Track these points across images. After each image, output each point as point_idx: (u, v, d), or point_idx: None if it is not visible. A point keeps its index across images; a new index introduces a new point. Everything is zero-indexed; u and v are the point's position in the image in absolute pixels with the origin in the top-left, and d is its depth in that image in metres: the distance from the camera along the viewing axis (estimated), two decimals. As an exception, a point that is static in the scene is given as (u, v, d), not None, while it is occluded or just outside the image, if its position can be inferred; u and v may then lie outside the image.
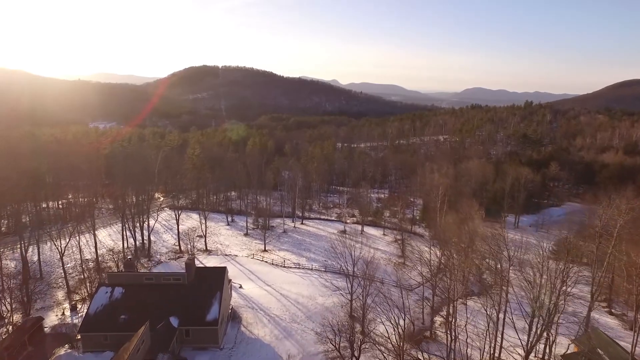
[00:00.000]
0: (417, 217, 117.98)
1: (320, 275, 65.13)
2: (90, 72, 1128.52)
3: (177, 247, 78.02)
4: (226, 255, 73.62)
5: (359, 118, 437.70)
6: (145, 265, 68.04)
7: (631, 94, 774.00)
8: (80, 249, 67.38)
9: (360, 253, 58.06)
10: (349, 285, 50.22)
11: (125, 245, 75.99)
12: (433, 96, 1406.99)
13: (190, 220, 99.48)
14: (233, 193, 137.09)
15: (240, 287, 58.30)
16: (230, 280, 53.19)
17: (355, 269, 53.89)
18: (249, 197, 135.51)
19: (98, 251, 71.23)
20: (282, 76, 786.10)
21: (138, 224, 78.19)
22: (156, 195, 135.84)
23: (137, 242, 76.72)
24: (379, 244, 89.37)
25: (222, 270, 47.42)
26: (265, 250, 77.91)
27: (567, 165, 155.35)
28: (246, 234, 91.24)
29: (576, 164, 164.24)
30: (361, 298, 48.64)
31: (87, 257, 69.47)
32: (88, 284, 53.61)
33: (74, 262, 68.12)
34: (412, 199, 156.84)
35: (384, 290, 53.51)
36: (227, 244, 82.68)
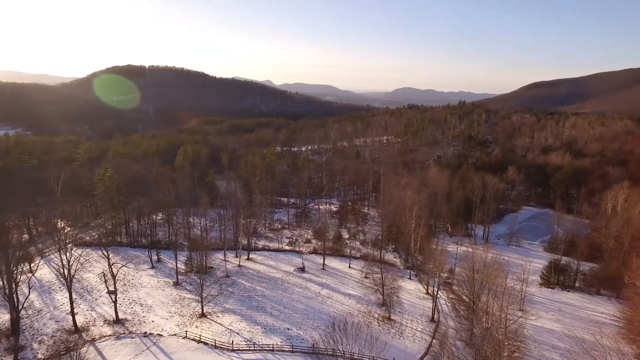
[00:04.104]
0: (381, 238, 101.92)
1: (285, 360, 46.03)
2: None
3: (72, 321, 53.42)
4: (145, 335, 51.14)
5: (296, 119, 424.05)
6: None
7: (541, 94, 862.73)
8: None
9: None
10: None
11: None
12: (366, 96, 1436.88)
13: (103, 263, 74.90)
14: (160, 216, 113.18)
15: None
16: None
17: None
18: (180, 219, 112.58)
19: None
20: (215, 77, 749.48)
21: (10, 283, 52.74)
22: (59, 224, 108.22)
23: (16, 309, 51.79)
24: (348, 283, 71.92)
25: None
26: (203, 316, 56.86)
27: (521, 169, 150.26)
28: (176, 283, 69.13)
29: (530, 167, 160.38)
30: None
31: None
32: None
33: None
34: (365, 211, 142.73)
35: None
36: (149, 305, 60.16)
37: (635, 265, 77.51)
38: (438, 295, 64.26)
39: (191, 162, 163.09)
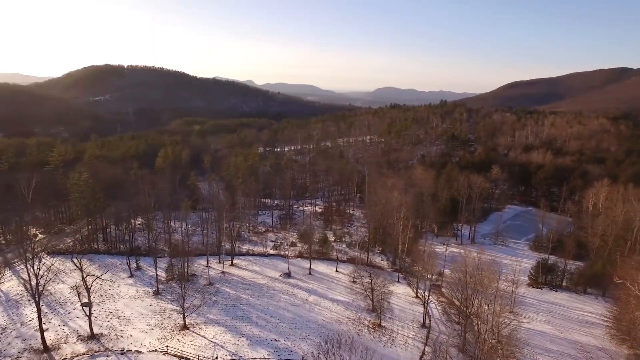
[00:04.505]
0: (367, 240, 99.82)
1: (275, 376, 43.55)
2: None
3: (41, 339, 49.41)
4: (122, 352, 47.47)
5: (278, 119, 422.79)
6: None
7: (519, 94, 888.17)
8: None
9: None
10: None
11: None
12: (347, 95, 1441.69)
13: (78, 273, 70.73)
14: (139, 221, 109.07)
15: None
16: None
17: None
18: (160, 224, 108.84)
19: None
20: (196, 77, 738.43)
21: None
22: (31, 232, 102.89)
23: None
24: (336, 289, 69.84)
25: None
26: (185, 328, 53.92)
27: (504, 168, 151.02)
28: (157, 292, 65.87)
29: (513, 165, 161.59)
30: None
31: None
32: None
33: None
34: (350, 211, 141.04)
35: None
36: (127, 318, 56.74)
37: (621, 264, 78.11)
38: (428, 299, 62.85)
39: (172, 164, 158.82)
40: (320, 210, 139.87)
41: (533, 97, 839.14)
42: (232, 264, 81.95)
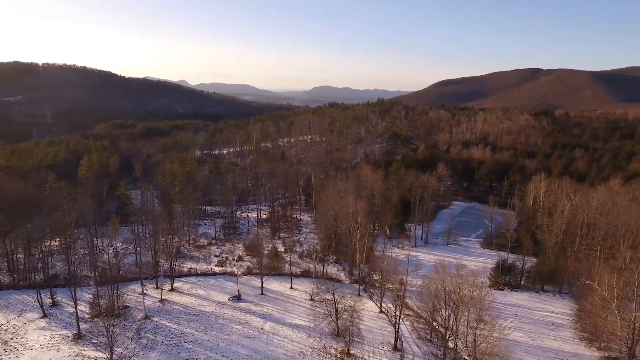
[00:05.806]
0: (320, 248, 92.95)
1: None
2: None
3: None
4: None
5: (214, 120, 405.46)
6: None
7: (448, 91, 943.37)
8: None
9: None
10: None
11: None
12: (284, 95, 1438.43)
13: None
14: (57, 243, 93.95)
15: None
16: None
17: None
18: (84, 242, 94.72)
19: None
20: (124, 76, 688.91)
21: None
22: None
23: None
24: (293, 310, 62.43)
25: None
26: (114, 383, 43.95)
27: (448, 164, 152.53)
28: (78, 336, 53.98)
29: (455, 162, 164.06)
30: None
31: None
32: None
33: None
34: (298, 216, 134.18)
35: None
36: (36, 377, 45.26)
37: (571, 258, 78.93)
38: (393, 313, 57.82)
39: (98, 172, 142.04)
40: (266, 216, 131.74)
41: (461, 94, 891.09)
42: (172, 289, 71.45)
